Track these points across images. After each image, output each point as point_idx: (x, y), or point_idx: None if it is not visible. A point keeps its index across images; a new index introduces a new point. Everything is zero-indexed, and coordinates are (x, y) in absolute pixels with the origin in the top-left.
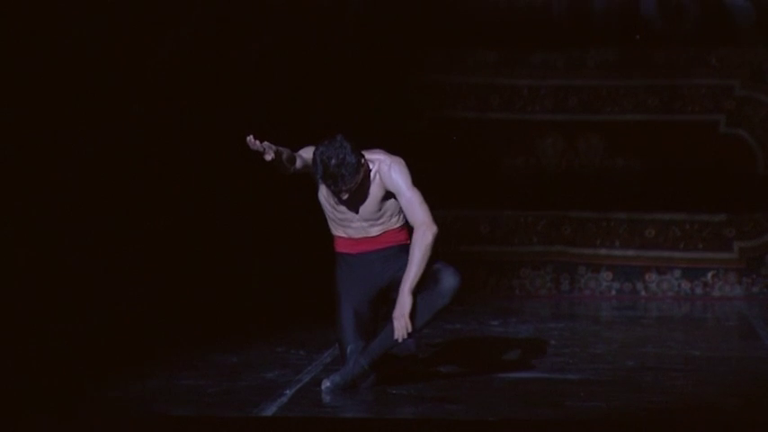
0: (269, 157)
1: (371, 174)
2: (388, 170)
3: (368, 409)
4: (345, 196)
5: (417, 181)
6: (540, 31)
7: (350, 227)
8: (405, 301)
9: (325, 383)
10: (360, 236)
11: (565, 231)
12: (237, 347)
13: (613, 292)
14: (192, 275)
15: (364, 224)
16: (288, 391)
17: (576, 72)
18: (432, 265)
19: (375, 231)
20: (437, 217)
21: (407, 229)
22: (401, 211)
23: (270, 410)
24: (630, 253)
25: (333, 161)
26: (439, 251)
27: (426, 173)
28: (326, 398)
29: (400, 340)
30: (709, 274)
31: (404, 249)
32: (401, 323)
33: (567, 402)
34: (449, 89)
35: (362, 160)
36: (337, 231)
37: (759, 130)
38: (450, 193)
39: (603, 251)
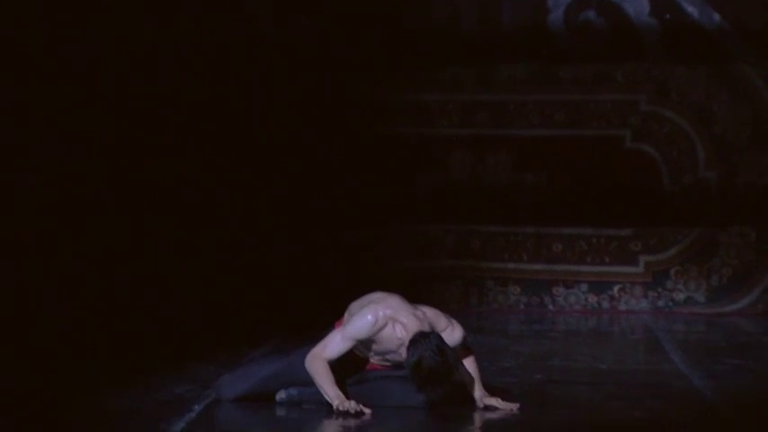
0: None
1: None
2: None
3: (274, 428)
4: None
5: (325, 197)
6: (450, 47)
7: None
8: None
9: (281, 395)
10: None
11: (473, 246)
12: (145, 362)
13: (521, 306)
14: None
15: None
16: (197, 407)
17: (484, 87)
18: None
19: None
20: (350, 235)
21: None
22: None
23: (178, 426)
24: (538, 267)
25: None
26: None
27: (335, 190)
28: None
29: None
30: (616, 288)
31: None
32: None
33: (475, 415)
34: (361, 105)
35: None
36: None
37: (664, 145)
38: (360, 209)
39: (511, 265)
